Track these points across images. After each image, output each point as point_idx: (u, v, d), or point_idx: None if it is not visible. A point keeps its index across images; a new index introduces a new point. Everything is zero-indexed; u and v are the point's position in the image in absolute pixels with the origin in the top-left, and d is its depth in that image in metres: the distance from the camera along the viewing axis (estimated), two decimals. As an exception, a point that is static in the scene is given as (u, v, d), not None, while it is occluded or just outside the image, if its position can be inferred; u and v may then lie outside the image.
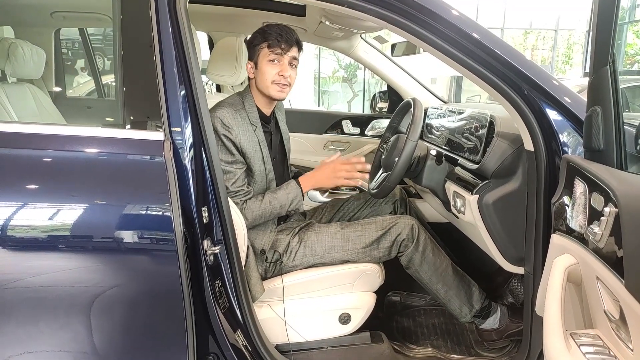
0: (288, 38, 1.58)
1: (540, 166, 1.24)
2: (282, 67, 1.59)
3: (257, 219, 1.58)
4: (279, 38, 1.57)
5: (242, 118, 1.60)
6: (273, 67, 1.59)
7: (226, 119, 1.55)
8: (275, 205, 1.60)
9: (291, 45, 1.60)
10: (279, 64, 1.59)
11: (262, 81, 1.62)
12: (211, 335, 1.28)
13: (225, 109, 1.57)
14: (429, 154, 1.76)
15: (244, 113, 1.62)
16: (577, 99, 1.23)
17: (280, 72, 1.59)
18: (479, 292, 1.76)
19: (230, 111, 1.57)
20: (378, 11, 1.21)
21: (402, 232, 1.65)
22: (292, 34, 1.60)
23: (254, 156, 1.61)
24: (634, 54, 10.34)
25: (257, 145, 1.63)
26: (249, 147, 1.60)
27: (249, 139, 1.60)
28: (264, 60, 1.60)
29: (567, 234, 1.05)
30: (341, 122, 2.94)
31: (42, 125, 1.31)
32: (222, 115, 1.55)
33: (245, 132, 1.59)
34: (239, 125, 1.58)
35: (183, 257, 1.12)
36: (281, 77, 1.59)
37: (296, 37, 1.62)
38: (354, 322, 1.65)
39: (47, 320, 1.14)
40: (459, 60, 1.22)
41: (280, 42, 1.57)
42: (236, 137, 1.56)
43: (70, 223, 1.11)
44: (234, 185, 1.56)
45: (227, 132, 1.55)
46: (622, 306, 0.82)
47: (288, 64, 1.61)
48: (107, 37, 4.14)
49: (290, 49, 1.60)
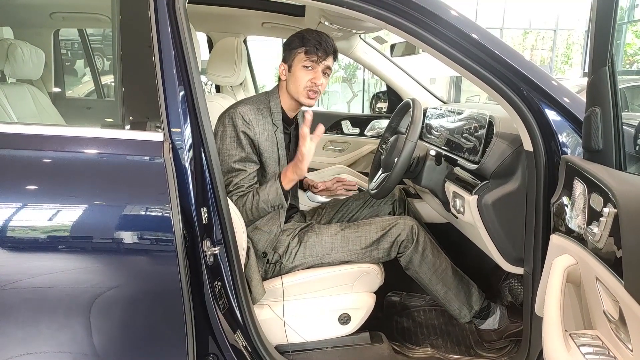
0: (326, 47, 1.58)
1: (540, 166, 1.24)
2: (316, 75, 1.59)
3: (248, 214, 1.54)
4: (318, 46, 1.56)
5: (264, 117, 1.60)
6: (307, 73, 1.58)
7: (247, 116, 1.55)
8: (257, 199, 1.54)
9: (328, 55, 1.59)
10: (313, 71, 1.59)
11: (294, 85, 1.61)
12: (211, 336, 1.27)
13: (248, 106, 1.58)
14: (429, 154, 1.76)
15: (266, 112, 1.62)
16: (576, 99, 1.23)
17: (313, 79, 1.58)
18: (479, 292, 1.76)
19: (252, 108, 1.58)
20: (377, 12, 1.21)
21: (401, 233, 1.65)
22: (330, 42, 1.59)
23: (270, 157, 1.61)
24: (633, 54, 10.35)
25: (275, 147, 1.62)
26: (266, 147, 1.60)
27: (268, 139, 1.60)
28: (299, 65, 1.59)
29: (567, 235, 1.05)
30: (341, 122, 2.94)
31: (41, 126, 1.31)
32: (244, 112, 1.55)
33: (265, 131, 1.59)
34: (260, 123, 1.58)
35: (182, 258, 1.12)
36: (313, 85, 1.59)
37: (334, 46, 1.61)
38: (353, 322, 1.65)
39: (48, 321, 1.14)
40: (458, 61, 1.22)
41: (318, 50, 1.56)
42: (255, 135, 1.56)
43: (69, 224, 1.11)
44: (242, 181, 1.55)
45: (246, 129, 1.55)
46: (622, 307, 0.82)
47: (322, 72, 1.60)
48: (106, 38, 4.14)
49: (327, 58, 1.59)
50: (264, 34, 2.78)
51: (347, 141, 2.88)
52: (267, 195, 1.55)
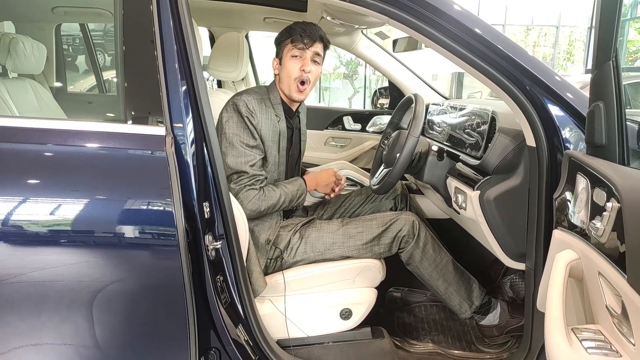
0: (311, 33, 1.60)
1: (542, 162, 1.24)
2: (304, 62, 1.61)
3: (270, 207, 1.60)
4: (302, 33, 1.59)
5: (267, 107, 1.63)
6: (296, 62, 1.61)
7: (251, 104, 1.58)
8: (288, 196, 1.64)
9: (314, 41, 1.61)
10: (301, 59, 1.61)
11: (285, 78, 1.64)
12: (213, 330, 1.28)
13: (251, 95, 1.60)
14: (431, 149, 1.76)
15: (269, 103, 1.65)
16: (579, 95, 1.22)
17: (302, 67, 1.60)
18: (479, 288, 1.76)
19: (256, 97, 1.61)
20: (380, 6, 1.21)
21: (402, 228, 1.65)
22: (316, 29, 1.62)
23: (272, 146, 1.64)
24: (635, 50, 10.31)
25: (277, 136, 1.65)
26: (269, 136, 1.62)
27: (271, 128, 1.62)
28: (288, 56, 1.62)
29: (569, 230, 1.05)
30: (342, 118, 2.94)
31: (44, 120, 1.31)
32: (247, 100, 1.58)
33: (267, 120, 1.61)
34: (262, 112, 1.60)
35: (185, 252, 1.12)
36: (302, 72, 1.61)
37: (321, 32, 1.63)
38: (355, 317, 1.65)
39: (50, 314, 1.14)
40: (461, 56, 1.22)
41: (303, 37, 1.59)
42: (258, 123, 1.58)
43: (72, 218, 1.11)
44: (252, 168, 1.57)
45: (250, 116, 1.57)
46: (624, 301, 0.82)
47: (311, 59, 1.61)
48: (108, 33, 4.14)
49: (314, 44, 1.61)
50: (265, 29, 2.77)
51: (349, 137, 2.88)
52: (295, 194, 1.66)
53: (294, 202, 1.68)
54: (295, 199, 1.67)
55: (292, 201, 1.67)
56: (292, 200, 1.66)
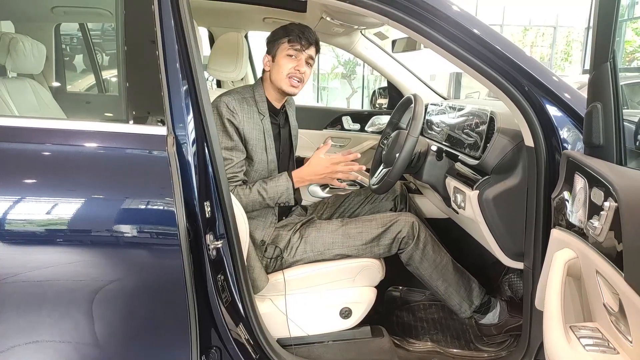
0: (309, 37, 1.64)
1: (540, 162, 1.25)
2: (299, 63, 1.64)
3: (247, 206, 1.57)
4: (300, 35, 1.62)
5: (249, 106, 1.64)
6: (290, 61, 1.64)
7: (232, 104, 1.59)
8: (263, 196, 1.59)
9: (310, 44, 1.65)
10: (296, 59, 1.64)
11: (277, 74, 1.65)
12: (214, 329, 1.28)
13: (232, 96, 1.62)
14: (430, 149, 1.77)
15: (251, 101, 1.66)
16: (577, 95, 1.23)
17: (296, 67, 1.63)
18: (479, 288, 1.77)
19: (237, 97, 1.62)
20: (379, 7, 1.22)
21: (402, 229, 1.66)
22: (312, 33, 1.66)
23: (257, 144, 1.64)
24: (632, 51, 10.34)
25: (262, 134, 1.65)
26: (252, 135, 1.62)
27: (254, 127, 1.63)
28: (282, 54, 1.64)
29: (567, 229, 1.06)
30: (341, 118, 2.94)
31: (44, 120, 1.31)
32: (227, 100, 1.59)
33: (250, 119, 1.62)
34: (244, 111, 1.61)
35: (186, 252, 1.13)
36: (296, 72, 1.64)
37: (316, 37, 1.68)
38: (354, 316, 1.66)
39: (52, 313, 1.14)
40: (459, 56, 1.23)
41: (301, 39, 1.62)
42: (240, 123, 1.59)
43: (73, 218, 1.11)
44: (228, 171, 1.56)
45: (231, 117, 1.58)
46: (622, 299, 0.83)
47: (305, 61, 1.65)
48: (106, 33, 4.13)
49: (309, 47, 1.65)
50: (265, 29, 2.77)
51: (347, 137, 2.88)
52: (275, 191, 1.60)
53: (277, 199, 1.61)
54: (277, 196, 1.60)
55: (274, 199, 1.60)
56: (272, 198, 1.60)
